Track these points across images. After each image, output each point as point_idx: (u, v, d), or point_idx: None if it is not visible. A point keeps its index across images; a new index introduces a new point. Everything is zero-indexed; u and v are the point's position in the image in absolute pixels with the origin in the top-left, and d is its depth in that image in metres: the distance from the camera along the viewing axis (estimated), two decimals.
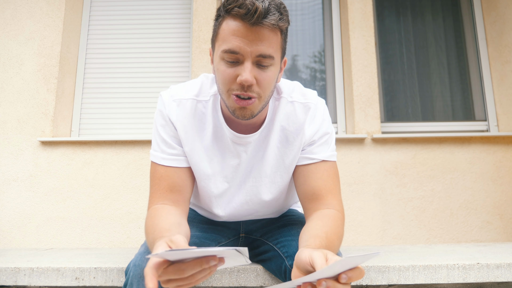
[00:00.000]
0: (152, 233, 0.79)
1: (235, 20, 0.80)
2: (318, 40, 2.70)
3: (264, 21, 0.79)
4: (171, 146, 0.94)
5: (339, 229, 0.86)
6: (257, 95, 0.84)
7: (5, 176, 2.32)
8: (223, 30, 0.82)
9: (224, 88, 0.84)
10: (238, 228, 1.14)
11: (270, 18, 0.79)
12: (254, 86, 0.82)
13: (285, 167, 0.98)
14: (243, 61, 0.81)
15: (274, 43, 0.82)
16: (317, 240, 0.77)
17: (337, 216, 0.88)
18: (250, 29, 0.79)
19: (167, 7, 2.71)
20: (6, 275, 1.15)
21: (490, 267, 1.14)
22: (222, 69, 0.83)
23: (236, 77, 0.82)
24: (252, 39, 0.79)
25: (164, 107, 0.95)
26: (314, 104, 0.97)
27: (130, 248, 2.14)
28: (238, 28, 0.79)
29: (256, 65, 0.82)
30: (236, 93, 0.83)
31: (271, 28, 0.81)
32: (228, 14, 0.81)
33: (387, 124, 2.55)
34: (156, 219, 0.84)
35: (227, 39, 0.81)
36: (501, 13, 2.54)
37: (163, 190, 0.92)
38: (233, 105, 0.85)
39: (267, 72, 0.83)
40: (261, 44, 0.80)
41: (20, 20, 2.51)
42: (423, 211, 2.31)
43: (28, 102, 2.40)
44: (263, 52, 0.80)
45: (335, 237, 0.83)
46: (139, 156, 2.36)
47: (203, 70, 2.44)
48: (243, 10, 0.78)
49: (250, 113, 0.85)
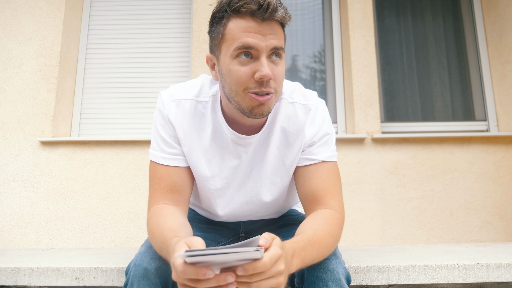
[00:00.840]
0: (160, 234, 0.79)
1: (244, 17, 0.80)
2: (318, 40, 2.70)
3: (276, 15, 0.80)
4: (171, 145, 0.94)
5: (333, 227, 0.85)
6: (274, 91, 0.84)
7: (5, 176, 2.32)
8: (231, 30, 0.82)
9: (239, 88, 0.83)
10: (238, 228, 1.14)
11: (280, 12, 0.81)
12: (271, 81, 0.83)
13: (285, 168, 0.98)
14: (259, 57, 0.81)
15: (282, 36, 0.85)
16: (299, 236, 0.77)
17: (332, 215, 0.88)
18: (261, 24, 0.80)
19: (167, 7, 2.71)
20: (6, 275, 1.15)
21: (490, 267, 1.14)
22: (237, 69, 0.82)
23: (253, 74, 0.81)
24: (265, 34, 0.81)
25: (164, 106, 0.95)
26: (315, 105, 0.97)
27: (130, 248, 2.14)
28: (249, 25, 0.80)
29: (270, 60, 0.83)
30: (254, 91, 0.82)
31: (279, 22, 0.83)
32: (235, 13, 0.81)
33: (387, 124, 2.55)
34: (162, 219, 0.83)
35: (238, 36, 0.81)
36: (501, 13, 2.54)
37: (164, 190, 0.92)
38: (250, 103, 0.84)
39: (279, 66, 0.85)
40: (274, 38, 0.82)
41: (20, 20, 2.51)
42: (423, 211, 2.31)
43: (28, 102, 2.40)
44: (276, 45, 0.82)
45: (326, 235, 0.81)
46: (139, 156, 2.36)
47: (203, 70, 2.44)
48: (254, 6, 0.79)
49: (268, 109, 0.85)
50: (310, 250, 0.75)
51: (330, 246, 0.82)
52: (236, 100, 0.85)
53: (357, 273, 1.15)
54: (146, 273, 0.80)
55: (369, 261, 1.21)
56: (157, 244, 0.80)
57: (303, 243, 0.74)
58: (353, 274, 1.15)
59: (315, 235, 0.79)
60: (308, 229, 0.81)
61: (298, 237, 0.76)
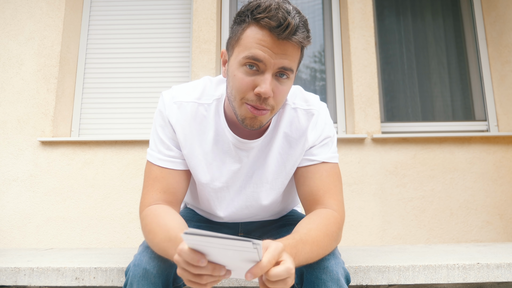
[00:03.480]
0: (162, 233, 0.79)
1: (263, 30, 0.79)
2: (318, 40, 2.70)
3: (293, 38, 0.78)
4: (168, 147, 0.94)
5: (329, 226, 0.84)
6: (271, 108, 0.83)
7: (5, 176, 2.32)
8: (247, 37, 0.80)
9: (238, 96, 0.83)
10: (236, 228, 1.14)
11: (299, 36, 0.79)
12: (270, 99, 0.82)
13: (286, 173, 0.98)
14: (264, 71, 0.80)
15: (296, 59, 0.83)
16: (291, 234, 0.77)
17: (330, 214, 0.87)
18: (277, 42, 0.78)
19: (167, 7, 2.71)
20: (6, 275, 1.15)
21: (490, 267, 1.14)
22: (240, 77, 0.82)
23: (254, 87, 0.81)
24: (277, 52, 0.79)
25: (165, 108, 0.94)
26: (317, 110, 0.97)
27: (130, 248, 2.14)
28: (264, 38, 0.78)
29: (275, 78, 0.82)
30: (251, 104, 0.82)
31: (298, 45, 0.81)
32: (255, 22, 0.79)
33: (387, 124, 2.55)
34: (161, 219, 0.83)
35: (251, 46, 0.79)
36: (501, 13, 2.54)
37: (157, 191, 0.91)
38: (244, 113, 0.84)
39: (284, 85, 0.83)
40: (285, 58, 0.80)
41: (20, 20, 2.51)
42: (423, 211, 2.31)
43: (28, 102, 2.40)
44: (285, 65, 0.80)
45: (321, 234, 0.81)
46: (139, 156, 2.36)
47: (203, 70, 2.44)
48: (274, 23, 0.77)
49: (259, 123, 0.85)
50: (303, 248, 0.75)
51: (326, 245, 0.82)
52: (233, 105, 0.86)
53: (357, 273, 1.15)
54: (145, 273, 0.80)
55: (369, 261, 1.21)
56: (160, 244, 0.79)
57: (294, 241, 0.74)
58: (353, 274, 1.15)
59: (308, 234, 0.78)
60: (302, 228, 0.81)
61: (290, 235, 0.77)
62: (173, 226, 0.79)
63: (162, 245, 0.78)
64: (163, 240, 0.78)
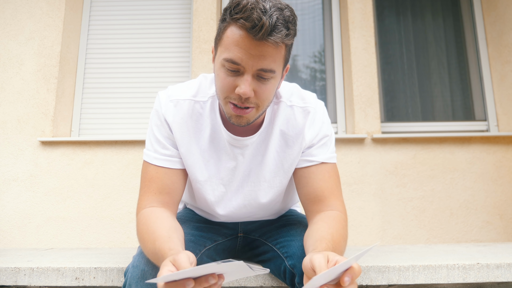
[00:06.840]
0: (152, 242, 0.78)
1: (240, 30, 0.77)
2: (318, 40, 2.70)
3: (269, 38, 0.75)
4: (164, 146, 0.94)
5: (344, 230, 0.86)
6: (255, 105, 0.83)
7: (5, 176, 2.32)
8: (227, 37, 0.80)
9: (221, 95, 0.84)
10: (236, 228, 1.13)
11: (276, 36, 0.76)
12: (251, 98, 0.81)
13: (284, 172, 0.98)
14: (243, 73, 0.79)
15: (278, 58, 0.80)
16: (323, 243, 0.77)
17: (341, 217, 0.89)
18: (254, 43, 0.76)
19: (167, 7, 2.71)
20: (6, 275, 1.15)
21: (490, 267, 1.14)
22: (222, 77, 0.82)
23: (235, 87, 0.81)
24: (255, 53, 0.77)
25: (161, 107, 0.94)
26: (314, 108, 0.97)
27: (130, 248, 2.14)
28: (242, 40, 0.77)
29: (256, 78, 0.81)
30: (234, 102, 0.82)
31: (276, 45, 0.78)
32: (234, 22, 0.78)
33: (387, 124, 2.55)
34: (151, 226, 0.83)
35: (229, 48, 0.79)
36: (501, 13, 2.54)
37: (153, 192, 0.91)
38: (229, 112, 0.85)
39: (267, 84, 0.82)
40: (264, 59, 0.78)
41: (20, 20, 2.51)
42: (423, 211, 2.31)
43: (28, 102, 2.40)
44: (264, 67, 0.79)
45: (341, 239, 0.82)
46: (139, 156, 2.36)
47: (203, 70, 2.44)
48: (249, 24, 0.75)
49: (246, 121, 0.85)
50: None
51: (344, 247, 0.84)
52: (220, 103, 0.88)
53: None
54: (143, 275, 0.80)
55: (369, 261, 1.21)
56: (149, 253, 0.80)
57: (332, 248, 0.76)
58: None
59: (333, 240, 0.79)
60: (326, 234, 0.81)
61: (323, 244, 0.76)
62: (159, 235, 0.78)
63: (150, 255, 0.80)
64: (150, 251, 0.79)
